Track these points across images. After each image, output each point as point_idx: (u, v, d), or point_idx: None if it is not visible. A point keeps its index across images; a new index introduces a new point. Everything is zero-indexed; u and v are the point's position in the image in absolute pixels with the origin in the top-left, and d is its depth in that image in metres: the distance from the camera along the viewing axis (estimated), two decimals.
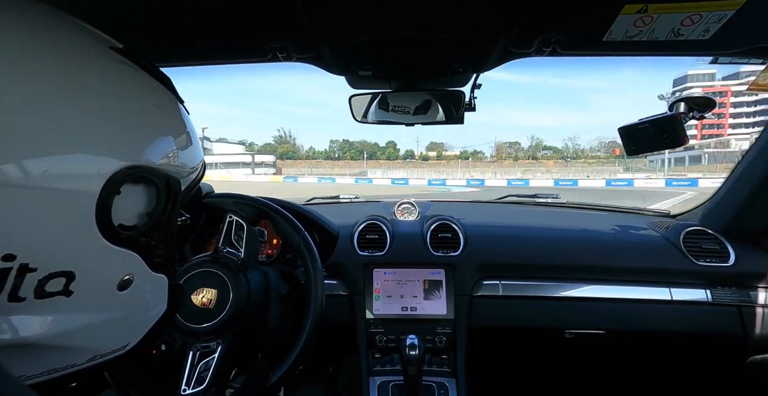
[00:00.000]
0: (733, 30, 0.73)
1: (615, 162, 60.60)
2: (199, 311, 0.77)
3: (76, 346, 0.35)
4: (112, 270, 0.36)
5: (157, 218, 0.39)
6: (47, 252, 0.31)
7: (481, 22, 0.78)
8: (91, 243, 0.33)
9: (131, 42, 0.81)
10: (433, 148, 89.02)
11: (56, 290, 0.32)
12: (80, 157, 0.32)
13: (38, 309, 0.31)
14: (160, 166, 0.38)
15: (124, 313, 0.39)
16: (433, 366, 1.13)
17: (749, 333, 1.12)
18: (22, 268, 0.29)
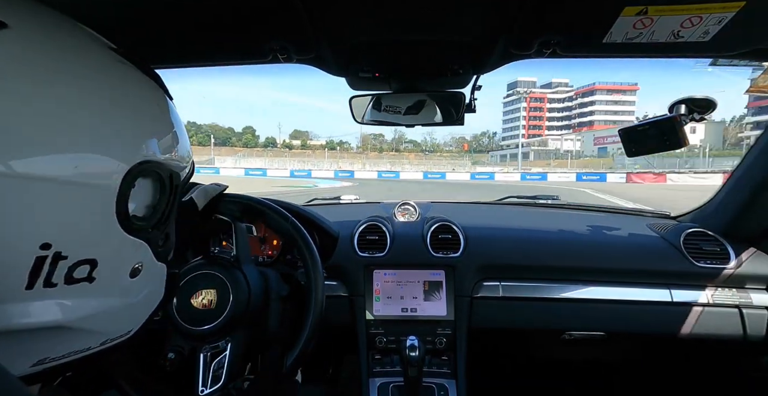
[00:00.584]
0: (733, 32, 0.73)
1: (465, 156, 68.67)
2: (202, 314, 0.77)
3: (94, 329, 0.38)
4: (127, 258, 0.39)
5: (163, 210, 0.43)
6: (76, 241, 0.34)
7: (481, 24, 0.78)
8: (112, 233, 0.36)
9: (131, 43, 0.82)
10: (297, 136, 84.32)
11: (82, 277, 0.35)
12: (103, 155, 0.35)
13: (67, 294, 0.34)
14: (164, 160, 0.41)
15: (133, 300, 0.42)
16: (433, 367, 1.13)
17: (750, 334, 1.12)
18: (56, 256, 0.32)
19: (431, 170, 45.89)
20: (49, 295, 0.33)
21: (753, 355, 1.23)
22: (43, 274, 0.32)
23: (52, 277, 0.32)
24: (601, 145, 67.83)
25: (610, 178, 31.02)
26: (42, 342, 0.34)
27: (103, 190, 0.35)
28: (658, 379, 1.47)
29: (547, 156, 64.42)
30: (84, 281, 0.35)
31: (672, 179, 27.33)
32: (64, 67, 0.34)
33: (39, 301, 0.32)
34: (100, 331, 0.39)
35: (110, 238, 0.36)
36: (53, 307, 0.33)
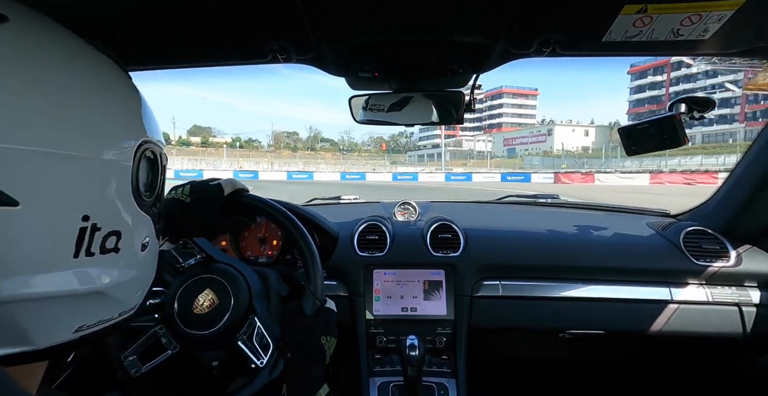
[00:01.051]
0: (732, 30, 0.73)
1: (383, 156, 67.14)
2: (207, 315, 0.77)
3: (118, 298, 0.42)
4: (139, 232, 0.44)
5: (158, 188, 0.47)
6: (107, 214, 0.38)
7: (481, 23, 0.78)
8: (129, 207, 0.41)
9: (130, 43, 0.82)
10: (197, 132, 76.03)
11: (111, 247, 0.39)
12: (119, 135, 0.40)
13: (102, 263, 0.39)
14: (156, 141, 0.46)
15: (142, 272, 0.46)
16: (433, 366, 1.13)
17: (749, 332, 1.12)
18: (93, 228, 0.36)
19: (349, 170, 41.90)
20: (89, 264, 0.37)
21: (752, 354, 1.23)
22: (85, 244, 0.36)
23: (92, 247, 0.37)
24: (510, 146, 69.59)
25: (534, 179, 29.53)
26: (81, 309, 0.38)
27: (122, 167, 0.40)
28: (658, 377, 1.47)
29: (463, 156, 64.91)
30: (112, 252, 0.39)
31: (600, 179, 26.48)
32: (71, 54, 0.38)
33: (83, 269, 0.37)
34: (120, 301, 0.43)
35: (129, 211, 0.41)
36: (93, 274, 0.38)
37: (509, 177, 31.67)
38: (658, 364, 1.47)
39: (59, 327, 0.37)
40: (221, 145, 57.43)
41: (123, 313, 0.44)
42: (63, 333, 0.37)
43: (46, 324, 0.35)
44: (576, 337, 1.21)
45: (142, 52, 0.88)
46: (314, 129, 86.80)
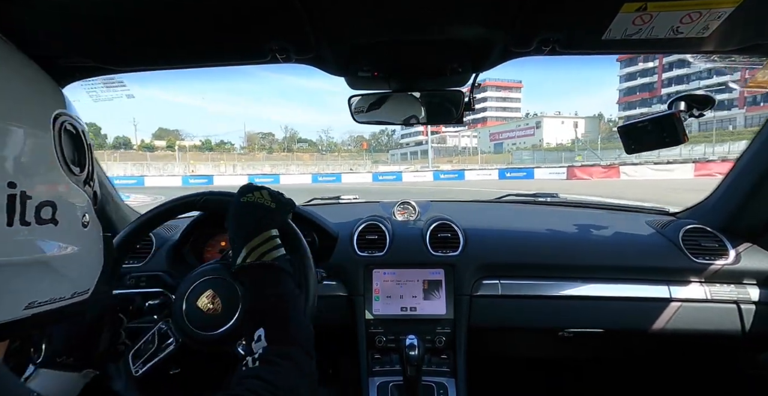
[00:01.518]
0: (732, 27, 0.73)
1: (364, 155, 64.27)
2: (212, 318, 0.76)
3: (65, 274, 0.44)
4: (76, 206, 0.45)
5: (88, 167, 0.48)
6: (34, 182, 0.39)
7: (481, 22, 0.77)
8: (60, 179, 0.43)
9: (130, 43, 0.81)
10: (162, 135, 68.65)
11: (48, 218, 0.40)
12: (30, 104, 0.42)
13: (40, 233, 0.39)
14: (75, 117, 0.47)
15: (87, 251, 0.47)
16: (433, 366, 1.13)
17: (748, 330, 1.12)
18: (23, 195, 0.37)
19: (323, 172, 37.87)
20: (27, 233, 0.38)
21: (751, 352, 1.24)
22: (18, 212, 0.37)
23: (26, 216, 0.38)
24: (497, 140, 67.64)
25: (538, 174, 25.33)
26: (29, 282, 0.39)
27: (40, 137, 0.41)
28: (657, 375, 1.48)
29: (448, 153, 62.41)
30: (50, 223, 0.40)
31: (626, 173, 20.99)
32: None
33: (20, 238, 0.38)
34: (70, 278, 0.44)
35: (60, 183, 0.43)
36: (32, 244, 0.39)
37: (508, 173, 27.55)
38: (658, 363, 1.48)
39: (9, 301, 0.37)
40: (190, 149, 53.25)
41: (76, 295, 0.45)
42: (13, 308, 0.38)
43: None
44: (575, 336, 1.21)
45: (141, 52, 0.87)
46: (290, 129, 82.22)
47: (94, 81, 1.03)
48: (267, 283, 0.66)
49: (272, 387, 0.51)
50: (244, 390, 0.49)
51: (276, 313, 0.63)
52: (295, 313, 0.65)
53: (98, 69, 0.91)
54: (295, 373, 0.56)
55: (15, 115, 0.38)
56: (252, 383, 0.51)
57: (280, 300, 0.64)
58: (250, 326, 0.61)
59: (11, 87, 0.40)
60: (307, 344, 0.62)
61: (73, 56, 0.83)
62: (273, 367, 0.54)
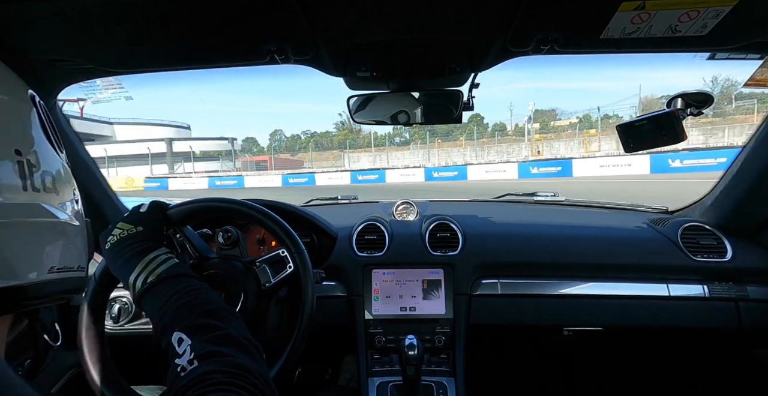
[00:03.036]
0: (730, 25, 0.73)
1: None
2: None
3: (76, 244, 0.48)
4: (68, 180, 0.49)
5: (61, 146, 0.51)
6: (36, 153, 0.43)
7: (479, 22, 0.77)
8: (51, 154, 0.46)
9: (127, 45, 0.81)
10: (541, 116, 48.53)
11: (51, 186, 0.44)
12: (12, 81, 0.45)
13: (49, 200, 0.43)
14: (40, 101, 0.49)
15: (82, 226, 0.51)
16: (432, 366, 1.13)
17: (746, 327, 1.12)
18: (29, 163, 0.41)
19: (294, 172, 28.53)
20: (39, 198, 0.42)
21: (749, 349, 1.24)
22: (28, 178, 0.40)
23: (34, 183, 0.41)
24: None
25: None
26: (50, 244, 0.43)
27: (26, 107, 0.44)
28: (657, 373, 1.48)
29: None
30: (53, 192, 0.44)
31: None
32: None
33: (35, 201, 0.41)
34: (76, 249, 0.48)
35: (52, 157, 0.46)
36: (47, 208, 0.43)
37: None
38: (658, 360, 1.48)
39: (37, 262, 0.41)
40: (565, 128, 39.15)
41: (80, 268, 0.49)
42: (41, 269, 0.41)
43: (25, 256, 0.40)
44: (575, 335, 1.21)
45: (141, 54, 0.87)
46: None
47: (94, 83, 1.03)
48: (163, 293, 0.61)
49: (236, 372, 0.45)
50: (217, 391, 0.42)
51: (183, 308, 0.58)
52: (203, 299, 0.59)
53: (97, 71, 0.91)
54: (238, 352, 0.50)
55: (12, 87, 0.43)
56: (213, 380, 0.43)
57: (180, 296, 0.59)
58: (166, 339, 0.53)
59: None
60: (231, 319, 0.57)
61: (73, 58, 0.83)
62: (216, 357, 0.47)
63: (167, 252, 0.68)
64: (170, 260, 0.66)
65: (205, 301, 0.59)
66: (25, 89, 0.46)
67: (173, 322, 0.55)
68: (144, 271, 0.64)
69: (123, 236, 0.70)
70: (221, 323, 0.55)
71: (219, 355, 0.48)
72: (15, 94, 0.43)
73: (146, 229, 0.71)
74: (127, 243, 0.69)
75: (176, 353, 0.50)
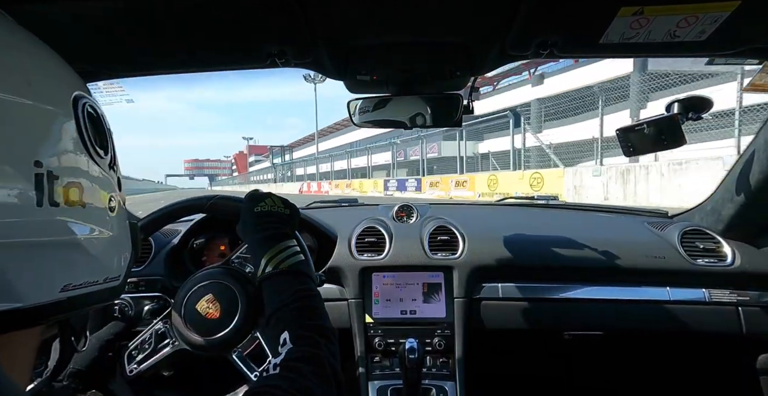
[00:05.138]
0: (729, 31, 0.73)
1: None
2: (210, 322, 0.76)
3: (97, 256, 0.43)
4: (104, 190, 0.45)
5: (112, 150, 0.48)
6: (61, 163, 0.39)
7: (478, 26, 0.78)
8: (85, 162, 0.42)
9: (128, 48, 0.82)
10: None
11: (76, 199, 0.40)
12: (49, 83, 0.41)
13: (70, 214, 0.39)
14: (93, 99, 0.46)
15: (116, 236, 0.47)
16: (433, 369, 1.13)
17: (748, 332, 1.12)
18: (50, 175, 0.37)
19: None
20: (57, 214, 0.38)
21: (750, 354, 1.23)
22: (46, 192, 0.37)
23: (54, 196, 0.37)
24: None
25: None
26: (64, 263, 0.39)
27: (63, 116, 0.41)
28: (657, 376, 1.47)
29: None
30: (78, 205, 0.40)
31: None
32: None
33: (51, 218, 0.37)
34: (102, 262, 0.44)
35: (84, 165, 0.42)
36: (64, 225, 0.39)
37: None
38: (658, 365, 1.47)
39: (45, 283, 0.38)
40: None
41: (108, 280, 0.45)
42: (49, 290, 0.38)
43: (30, 277, 0.36)
44: (575, 339, 1.21)
45: (142, 57, 0.88)
46: None
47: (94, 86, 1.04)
48: (286, 286, 0.65)
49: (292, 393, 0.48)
50: None
51: (298, 313, 0.62)
52: (318, 311, 0.64)
53: (98, 74, 0.92)
54: (315, 377, 0.53)
55: (30, 91, 0.38)
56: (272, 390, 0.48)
57: (300, 298, 0.63)
58: (274, 332, 0.59)
59: (21, 62, 0.39)
60: (333, 342, 0.60)
61: (74, 61, 0.84)
62: (292, 373, 0.51)
63: (297, 245, 0.70)
64: (299, 255, 0.69)
65: (319, 314, 0.63)
66: (67, 92, 0.42)
67: (289, 322, 0.59)
68: (277, 256, 0.66)
69: (273, 210, 0.72)
70: (321, 341, 0.58)
71: (297, 373, 0.51)
72: (44, 98, 0.39)
73: (290, 215, 0.74)
74: (273, 219, 0.71)
75: (276, 351, 0.56)
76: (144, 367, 0.80)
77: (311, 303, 0.64)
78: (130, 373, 0.80)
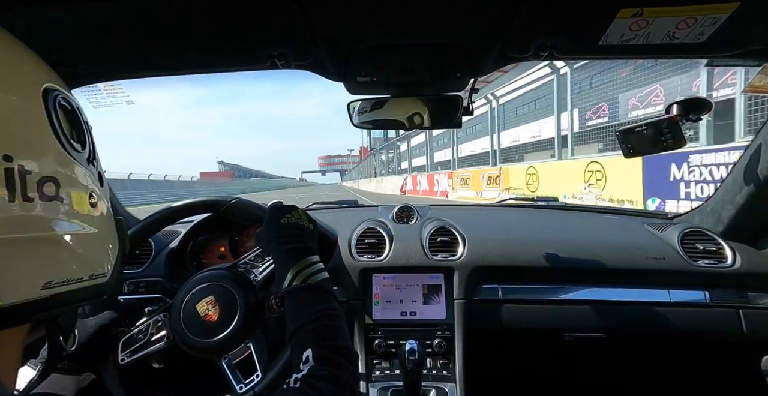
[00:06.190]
0: (727, 33, 0.73)
1: None
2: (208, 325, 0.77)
3: (80, 253, 0.42)
4: (83, 184, 0.44)
5: (90, 144, 0.47)
6: (33, 157, 0.38)
7: (478, 28, 0.78)
8: (60, 155, 0.41)
9: (128, 50, 0.82)
10: None
11: (52, 194, 0.39)
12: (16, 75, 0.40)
13: (46, 210, 0.38)
14: (66, 92, 0.45)
15: (100, 231, 0.46)
16: (433, 371, 1.13)
17: (748, 334, 1.12)
18: (21, 170, 0.36)
19: None
20: (31, 209, 0.37)
21: (751, 356, 1.23)
22: (18, 187, 0.35)
23: (27, 191, 0.36)
24: None
25: None
26: (42, 260, 0.38)
27: (32, 110, 0.39)
28: (659, 379, 1.47)
29: None
30: (55, 200, 0.39)
31: None
32: None
33: (26, 213, 0.36)
34: (85, 258, 0.43)
35: (60, 160, 0.41)
36: (41, 220, 0.38)
37: None
38: (659, 366, 1.47)
39: (24, 281, 0.37)
40: None
41: (95, 277, 0.45)
42: (29, 288, 0.37)
43: (8, 275, 0.35)
44: (576, 340, 1.21)
45: (143, 59, 0.88)
46: None
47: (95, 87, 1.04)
48: (312, 302, 0.65)
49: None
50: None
51: (323, 331, 0.62)
52: (341, 331, 0.64)
53: (97, 76, 0.92)
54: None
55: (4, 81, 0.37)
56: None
57: (325, 316, 0.63)
58: (298, 349, 0.60)
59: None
60: (354, 364, 0.61)
61: (75, 63, 0.84)
62: (313, 391, 0.52)
63: (320, 261, 0.70)
64: (324, 272, 0.69)
65: (343, 335, 0.63)
66: (36, 84, 0.41)
67: (313, 340, 0.60)
68: (304, 271, 0.66)
69: (299, 223, 0.72)
70: (343, 363, 0.58)
71: (317, 391, 0.52)
72: (9, 89, 0.38)
73: (313, 230, 0.74)
74: (299, 232, 0.71)
75: (298, 368, 0.56)
76: (136, 357, 0.81)
77: (335, 323, 0.64)
78: (121, 361, 0.80)
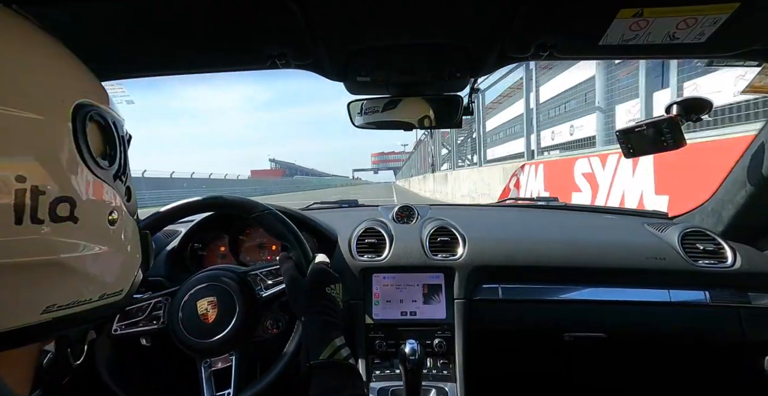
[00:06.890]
0: (728, 33, 0.73)
1: None
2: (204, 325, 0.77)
3: (90, 274, 0.40)
4: (101, 203, 0.42)
5: (119, 160, 0.45)
6: (49, 176, 0.36)
7: (478, 28, 0.78)
8: (81, 174, 0.39)
9: (128, 50, 0.82)
10: None
11: (65, 215, 0.37)
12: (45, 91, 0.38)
13: (57, 232, 0.36)
14: (103, 107, 0.44)
15: (116, 249, 0.44)
16: (433, 371, 1.13)
17: (749, 334, 1.12)
18: (34, 190, 0.34)
19: None
20: (39, 232, 0.35)
21: (751, 356, 1.23)
22: (28, 209, 0.34)
23: (37, 213, 0.34)
24: None
25: None
26: (43, 285, 0.36)
27: (57, 125, 0.38)
28: (659, 379, 1.47)
29: None
30: (69, 220, 0.37)
31: None
32: None
33: (31, 237, 0.34)
34: (96, 279, 0.41)
35: (80, 178, 0.39)
36: (47, 243, 0.36)
37: None
38: (660, 366, 1.47)
39: (24, 305, 0.35)
40: None
41: (107, 296, 0.42)
42: (30, 313, 0.35)
43: (6, 300, 0.34)
44: (576, 340, 1.21)
45: (142, 59, 0.88)
46: None
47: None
48: (345, 380, 0.66)
49: None
50: None
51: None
52: None
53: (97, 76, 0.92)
54: None
55: (19, 102, 0.35)
56: None
57: None
58: None
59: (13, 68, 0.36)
60: None
61: None
62: None
63: None
64: (348, 349, 0.70)
65: None
66: (64, 100, 0.39)
67: None
68: (337, 347, 0.68)
69: (338, 298, 0.77)
70: None
71: None
72: (33, 108, 0.36)
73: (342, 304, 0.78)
74: (333, 307, 0.74)
75: None
76: (129, 331, 0.82)
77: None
78: (114, 331, 0.82)
